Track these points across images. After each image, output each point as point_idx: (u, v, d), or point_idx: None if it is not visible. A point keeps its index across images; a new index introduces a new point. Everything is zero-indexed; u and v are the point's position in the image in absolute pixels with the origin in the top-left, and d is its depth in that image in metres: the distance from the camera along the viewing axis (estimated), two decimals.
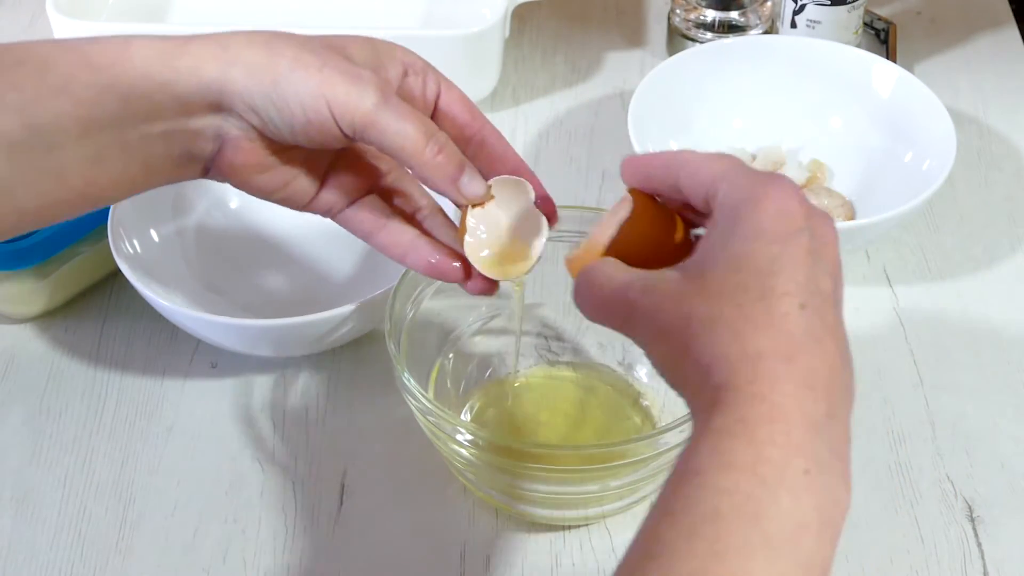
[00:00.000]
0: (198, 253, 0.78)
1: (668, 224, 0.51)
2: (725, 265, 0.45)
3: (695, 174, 0.48)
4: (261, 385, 0.74)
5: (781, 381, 0.42)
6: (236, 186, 0.57)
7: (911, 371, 0.75)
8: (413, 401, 0.62)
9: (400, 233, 0.59)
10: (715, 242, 0.46)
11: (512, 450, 0.61)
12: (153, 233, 0.76)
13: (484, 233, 0.57)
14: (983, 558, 0.65)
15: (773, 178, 0.47)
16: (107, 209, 0.72)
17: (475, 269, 0.57)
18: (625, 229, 0.50)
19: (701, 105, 0.87)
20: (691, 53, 0.88)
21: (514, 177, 0.57)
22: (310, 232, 0.78)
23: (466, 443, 0.62)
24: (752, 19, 0.96)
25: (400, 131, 0.53)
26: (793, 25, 0.93)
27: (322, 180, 0.58)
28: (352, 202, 0.59)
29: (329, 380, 0.74)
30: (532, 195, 0.57)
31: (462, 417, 0.70)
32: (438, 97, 0.57)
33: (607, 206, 0.56)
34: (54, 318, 0.78)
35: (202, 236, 0.79)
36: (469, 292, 0.59)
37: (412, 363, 0.66)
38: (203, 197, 0.79)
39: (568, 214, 0.64)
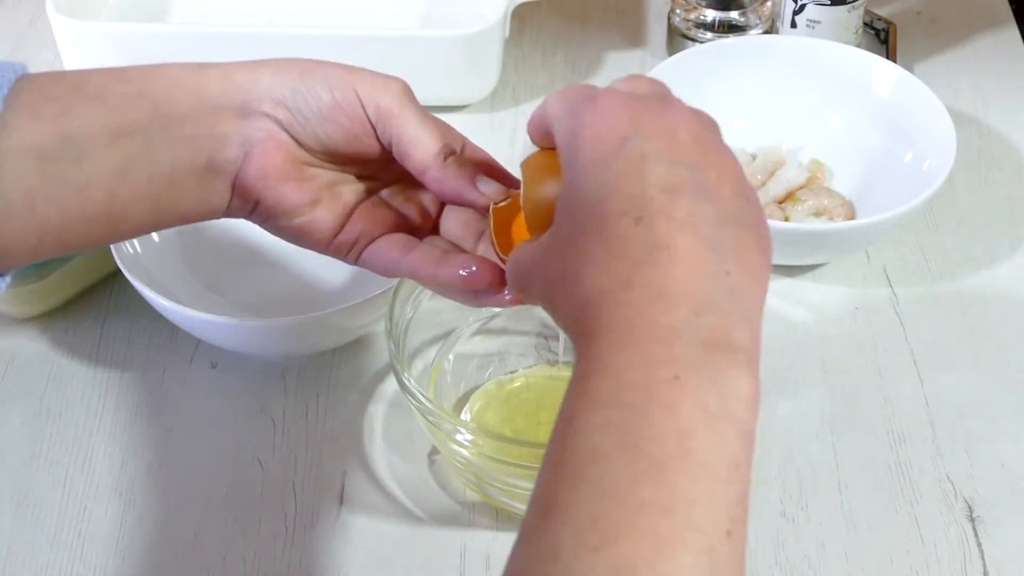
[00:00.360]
0: (198, 253, 0.78)
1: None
2: (565, 213, 0.45)
3: (553, 125, 0.48)
4: (261, 385, 0.74)
5: (626, 307, 0.41)
6: (262, 210, 0.55)
7: (911, 371, 0.75)
8: (413, 401, 0.62)
9: (428, 251, 0.56)
10: (561, 194, 0.46)
11: (512, 450, 0.61)
12: (153, 233, 0.76)
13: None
14: (983, 558, 0.65)
15: (589, 102, 0.46)
16: None
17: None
18: (526, 203, 0.50)
19: (701, 105, 0.85)
20: (691, 53, 0.88)
21: None
22: None
23: (466, 443, 0.62)
24: (752, 19, 0.96)
25: (420, 133, 0.54)
26: (793, 25, 0.93)
27: (350, 212, 0.57)
28: (378, 237, 0.57)
29: (329, 380, 0.74)
30: None
31: (462, 417, 0.70)
32: (463, 148, 0.57)
33: None
34: (54, 318, 0.77)
35: (202, 236, 0.78)
36: (502, 305, 0.56)
37: (412, 363, 0.66)
38: None
39: None
